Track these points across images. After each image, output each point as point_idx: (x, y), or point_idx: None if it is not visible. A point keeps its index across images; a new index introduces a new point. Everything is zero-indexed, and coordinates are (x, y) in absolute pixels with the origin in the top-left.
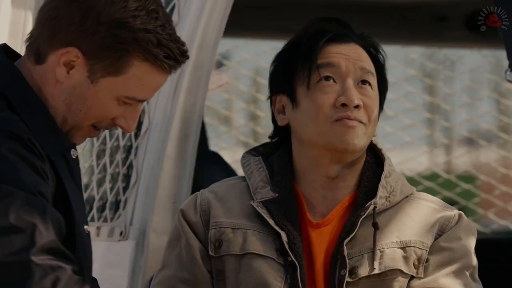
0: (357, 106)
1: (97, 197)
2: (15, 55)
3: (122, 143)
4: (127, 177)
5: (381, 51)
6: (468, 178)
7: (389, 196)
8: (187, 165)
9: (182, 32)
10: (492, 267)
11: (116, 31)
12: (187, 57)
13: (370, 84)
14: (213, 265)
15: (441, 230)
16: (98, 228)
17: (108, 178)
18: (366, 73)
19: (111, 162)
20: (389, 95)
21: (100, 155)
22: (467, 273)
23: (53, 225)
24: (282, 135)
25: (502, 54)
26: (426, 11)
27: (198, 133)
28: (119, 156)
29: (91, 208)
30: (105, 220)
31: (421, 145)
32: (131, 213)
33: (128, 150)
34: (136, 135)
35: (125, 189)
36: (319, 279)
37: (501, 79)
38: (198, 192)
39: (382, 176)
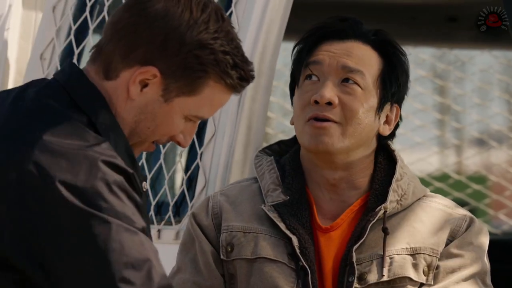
0: (330, 104)
1: (152, 201)
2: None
3: (180, 148)
4: (188, 181)
5: (397, 48)
6: (478, 179)
7: (400, 200)
8: (252, 170)
9: (244, 41)
10: (502, 268)
11: (198, 52)
12: (254, 78)
13: (357, 83)
14: (225, 269)
15: (452, 236)
16: (159, 231)
17: (166, 181)
18: (349, 72)
19: (167, 166)
20: None
21: (148, 158)
22: (478, 279)
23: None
24: None
25: None
26: (437, 12)
27: (262, 139)
28: (182, 161)
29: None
30: (168, 223)
31: (432, 146)
32: None
33: (188, 154)
34: (199, 140)
35: (189, 192)
36: (327, 285)
37: None
38: (210, 195)
39: (393, 180)
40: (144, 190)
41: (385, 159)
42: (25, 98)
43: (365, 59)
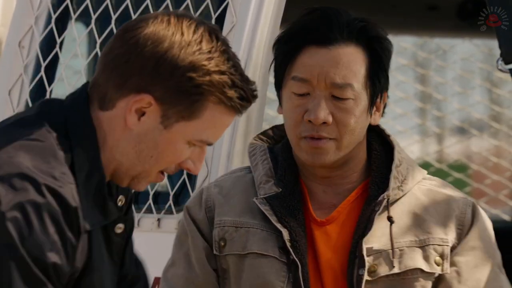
0: (324, 123)
1: (150, 189)
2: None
3: None
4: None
5: (383, 40)
6: (459, 167)
7: (401, 185)
8: None
9: (242, 34)
10: None
11: (192, 74)
12: (256, 97)
13: (347, 98)
14: (218, 264)
15: (460, 224)
16: (159, 220)
17: None
18: (338, 88)
19: None
20: None
21: None
22: (498, 268)
23: None
24: None
25: (494, 43)
26: (417, 0)
27: (260, 129)
28: None
29: (146, 200)
30: (168, 213)
31: (413, 134)
32: None
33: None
34: None
35: (190, 182)
36: (327, 279)
37: (492, 68)
38: (204, 187)
39: (393, 167)
40: (118, 232)
41: (380, 145)
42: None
43: (352, 66)
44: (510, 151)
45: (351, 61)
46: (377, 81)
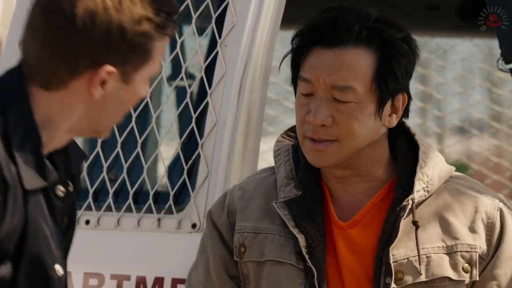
0: (324, 125)
1: (150, 189)
2: None
3: (181, 139)
4: (188, 171)
5: (393, 42)
6: (460, 167)
7: (427, 186)
8: (251, 160)
9: (242, 34)
10: None
11: (138, 28)
12: (179, 8)
13: (349, 101)
14: (239, 269)
15: (489, 231)
16: (159, 220)
17: (165, 170)
18: (339, 90)
19: (165, 156)
20: None
21: (143, 146)
22: None
23: None
24: None
25: (494, 43)
26: (417, 0)
27: (260, 129)
28: (181, 151)
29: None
30: (168, 213)
31: None
32: (204, 206)
33: (186, 144)
34: (199, 131)
35: (190, 182)
36: (347, 283)
37: (493, 68)
38: (228, 190)
39: (418, 168)
40: (60, 195)
41: (405, 143)
42: None
43: (356, 69)
44: (511, 151)
45: (356, 64)
46: (384, 85)
